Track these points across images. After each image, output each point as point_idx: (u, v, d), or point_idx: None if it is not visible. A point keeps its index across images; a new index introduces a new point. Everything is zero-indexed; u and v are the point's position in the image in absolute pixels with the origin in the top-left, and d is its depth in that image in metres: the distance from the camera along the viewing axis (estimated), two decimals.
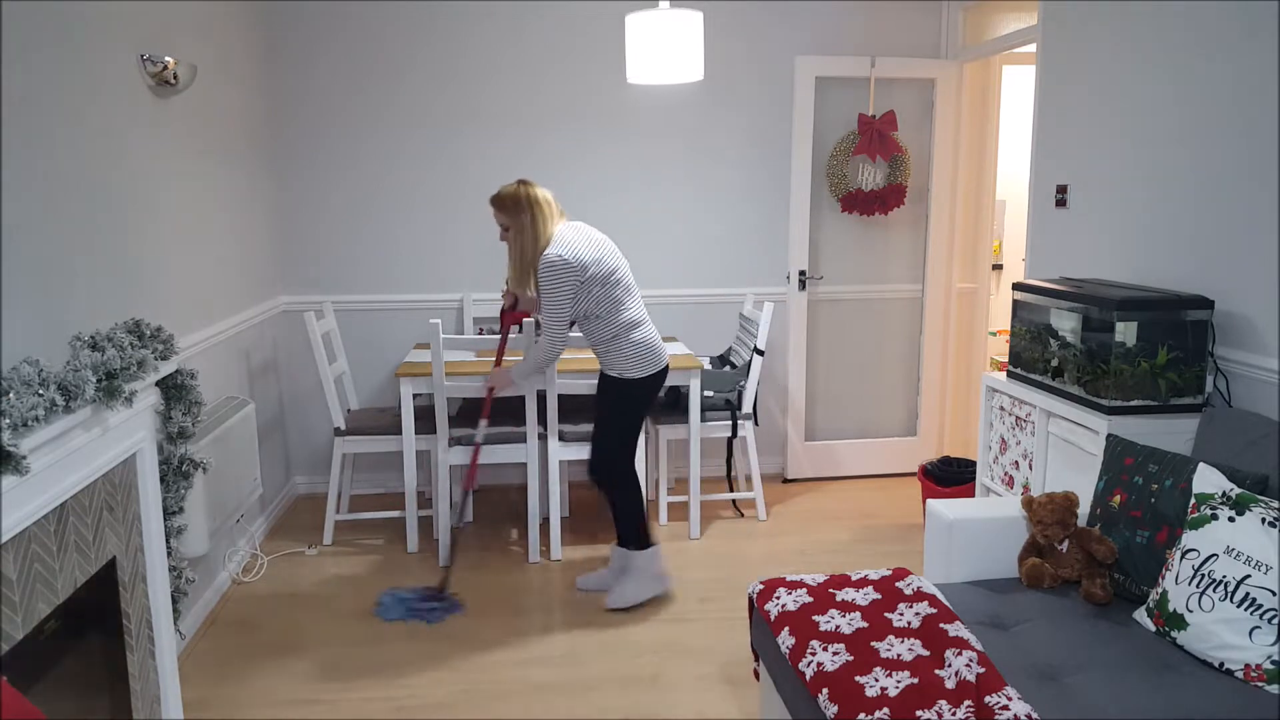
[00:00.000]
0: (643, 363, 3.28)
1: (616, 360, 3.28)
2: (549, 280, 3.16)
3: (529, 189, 3.23)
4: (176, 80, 3.08)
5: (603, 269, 3.21)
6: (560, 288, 3.16)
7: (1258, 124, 2.64)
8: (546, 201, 3.23)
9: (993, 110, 4.76)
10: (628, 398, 3.33)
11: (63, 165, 2.41)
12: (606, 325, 3.25)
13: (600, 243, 3.25)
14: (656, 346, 3.32)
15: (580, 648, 3.15)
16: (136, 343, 2.38)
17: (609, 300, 3.23)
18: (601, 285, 3.21)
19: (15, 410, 1.80)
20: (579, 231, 3.25)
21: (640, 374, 3.28)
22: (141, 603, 2.47)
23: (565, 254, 3.15)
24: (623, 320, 3.26)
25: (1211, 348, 2.75)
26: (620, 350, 3.27)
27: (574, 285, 3.17)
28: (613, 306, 3.24)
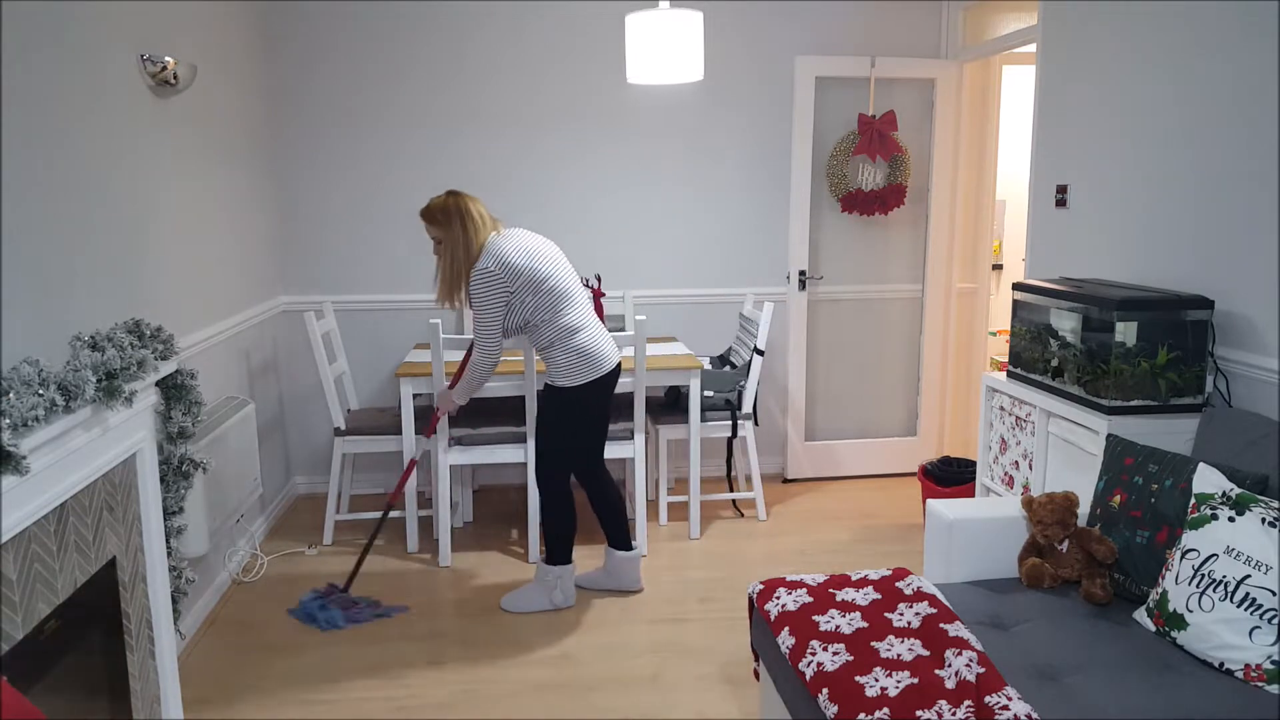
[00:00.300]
0: (577, 371, 3.21)
1: (552, 367, 3.24)
2: (477, 290, 3.12)
3: (459, 200, 3.18)
4: (176, 80, 3.08)
5: (534, 276, 3.15)
6: (488, 297, 3.12)
7: (1258, 124, 2.64)
8: (479, 213, 3.19)
9: (993, 110, 4.76)
10: (565, 405, 3.27)
11: (63, 165, 2.40)
12: (542, 333, 3.21)
13: (533, 249, 3.18)
14: (596, 354, 3.23)
15: (580, 648, 3.15)
16: (136, 343, 2.38)
17: (543, 307, 3.18)
18: (534, 294, 3.15)
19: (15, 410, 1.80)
20: (510, 239, 3.18)
21: (573, 382, 3.21)
22: (141, 603, 2.47)
23: (490, 264, 3.11)
24: (559, 327, 3.20)
25: (1211, 348, 2.75)
26: (555, 358, 3.22)
27: (501, 294, 3.13)
28: (548, 314, 3.19)
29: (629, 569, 3.53)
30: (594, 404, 3.30)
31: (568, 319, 3.22)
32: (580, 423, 3.33)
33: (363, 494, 4.65)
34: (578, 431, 3.34)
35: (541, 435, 3.37)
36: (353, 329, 4.56)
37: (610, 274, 4.63)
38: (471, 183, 4.49)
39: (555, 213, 4.57)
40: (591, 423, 3.35)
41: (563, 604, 3.40)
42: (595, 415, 3.34)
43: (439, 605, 3.46)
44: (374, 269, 4.53)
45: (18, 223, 2.17)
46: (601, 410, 3.35)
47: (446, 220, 3.17)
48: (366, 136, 4.42)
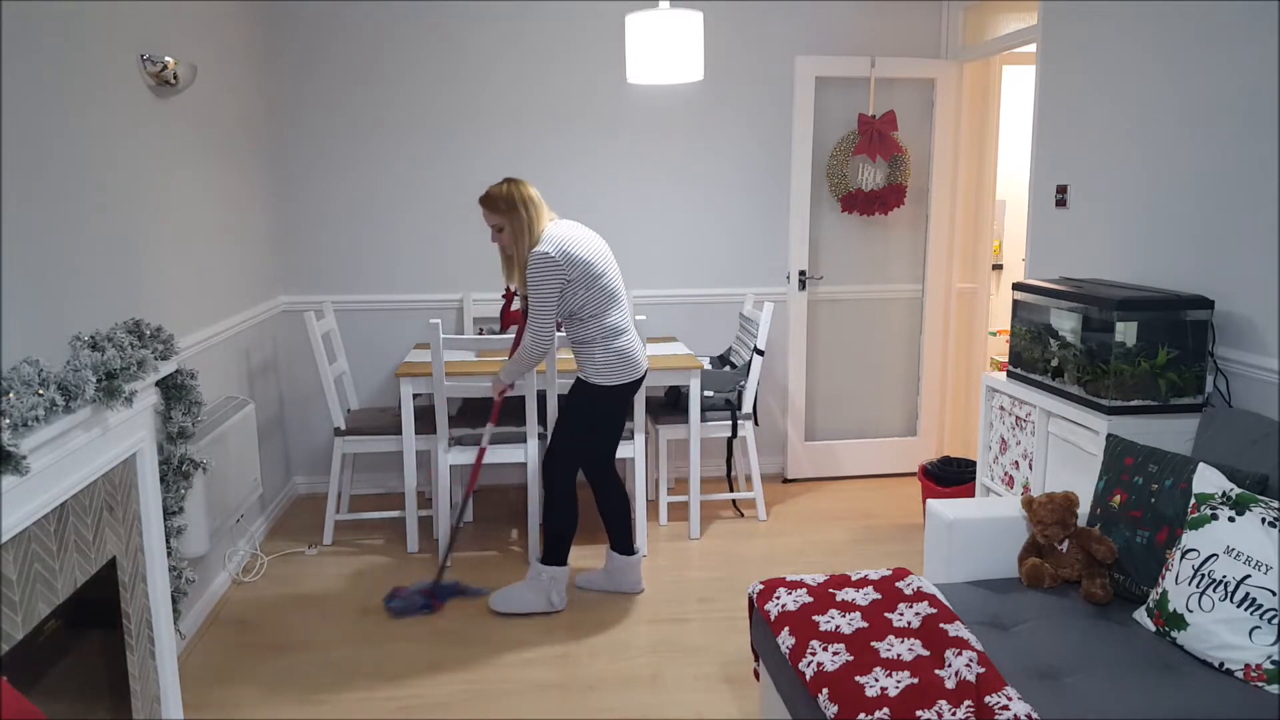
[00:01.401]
0: (614, 372, 3.23)
1: (588, 364, 3.25)
2: (536, 276, 3.12)
3: (519, 187, 3.20)
4: (176, 80, 3.08)
5: (590, 270, 3.17)
6: (546, 284, 3.12)
7: (1258, 124, 2.64)
8: (537, 199, 3.21)
9: (993, 110, 4.76)
10: (592, 403, 3.28)
11: (63, 165, 2.41)
12: (586, 328, 3.22)
13: (591, 243, 3.21)
14: (633, 358, 3.27)
15: (580, 648, 3.15)
16: (136, 343, 2.38)
17: (592, 303, 3.19)
18: (586, 288, 3.17)
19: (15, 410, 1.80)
20: (570, 229, 3.22)
21: (609, 381, 3.24)
22: (141, 603, 2.47)
23: (552, 250, 3.12)
24: (603, 325, 3.22)
25: (1211, 348, 2.75)
26: (594, 356, 3.23)
27: (560, 282, 3.14)
28: (595, 310, 3.20)
29: (630, 572, 3.53)
30: (620, 406, 3.32)
31: (613, 319, 3.24)
32: (604, 422, 3.34)
33: (363, 494, 4.65)
34: (599, 431, 3.35)
35: (561, 431, 3.35)
36: (353, 329, 4.56)
37: None
38: (471, 182, 4.49)
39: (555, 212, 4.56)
40: (614, 424, 3.36)
41: (557, 606, 3.38)
42: (619, 417, 3.36)
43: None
44: (374, 269, 4.53)
45: (18, 223, 2.17)
46: (625, 413, 3.37)
47: (510, 206, 3.17)
48: (366, 136, 4.42)
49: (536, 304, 3.16)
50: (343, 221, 4.48)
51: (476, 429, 3.86)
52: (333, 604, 3.47)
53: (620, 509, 3.48)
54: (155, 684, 2.52)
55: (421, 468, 4.50)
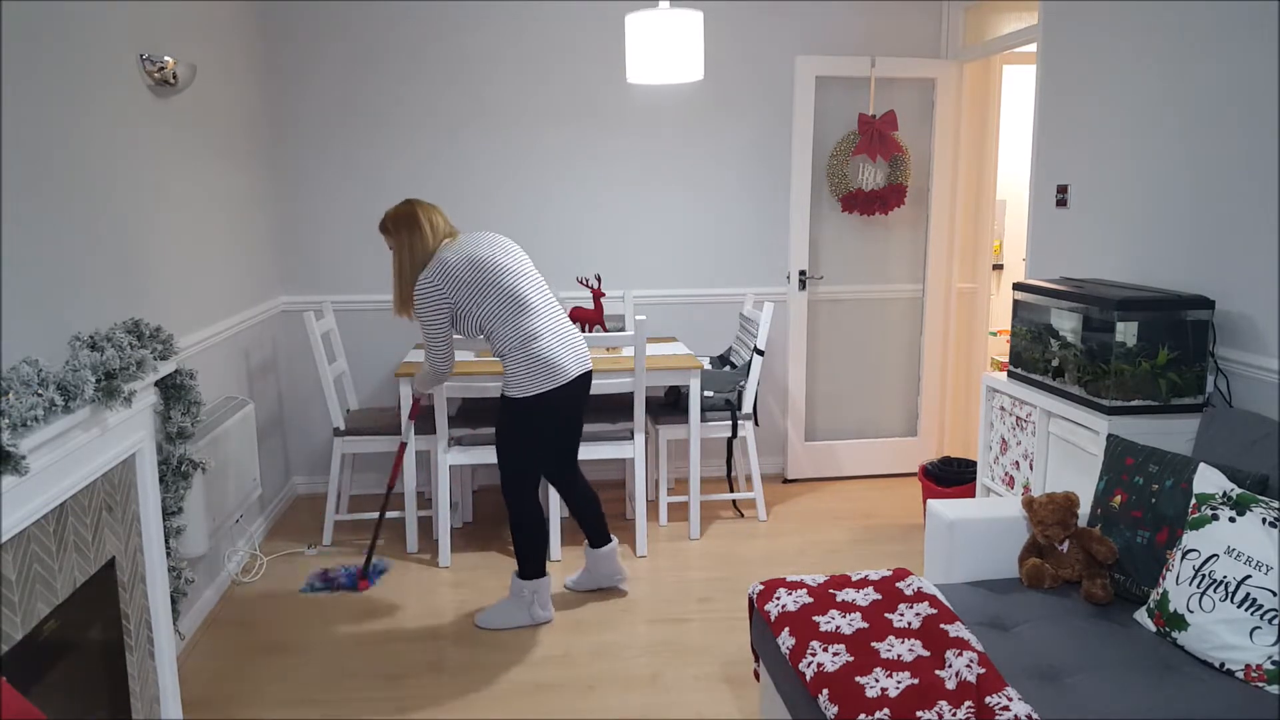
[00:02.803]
0: (530, 381, 3.06)
1: (506, 376, 3.11)
2: (417, 300, 3.05)
3: (411, 207, 3.11)
4: (176, 80, 3.08)
5: (479, 283, 3.03)
6: (428, 307, 3.04)
7: (1258, 123, 2.64)
8: (429, 221, 3.10)
9: (993, 110, 4.76)
10: (518, 416, 3.12)
11: (62, 165, 2.40)
12: (497, 339, 3.09)
13: (478, 256, 3.05)
14: (553, 361, 3.07)
15: (580, 648, 3.15)
16: (136, 343, 2.38)
17: (491, 314, 3.05)
18: (479, 303, 3.03)
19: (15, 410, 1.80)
20: (460, 247, 3.07)
21: (524, 393, 3.07)
22: (141, 603, 2.46)
23: (432, 275, 3.02)
24: (512, 334, 3.06)
25: (1212, 348, 2.75)
26: (508, 367, 3.09)
27: (443, 304, 3.04)
28: (500, 321, 3.06)
29: (607, 562, 3.50)
30: (550, 416, 3.14)
31: (522, 326, 3.06)
32: (537, 436, 3.16)
33: (362, 494, 4.65)
34: (534, 445, 3.18)
35: (500, 452, 3.20)
36: (352, 329, 4.56)
37: (610, 274, 4.63)
38: (470, 182, 4.49)
39: (555, 212, 4.57)
40: (551, 434, 3.19)
41: (544, 618, 3.31)
42: (555, 426, 3.18)
43: (439, 605, 3.46)
44: (374, 269, 4.53)
45: (17, 222, 2.17)
46: (563, 421, 3.19)
47: (395, 229, 3.12)
48: (366, 136, 4.42)
49: (424, 328, 3.11)
50: (343, 221, 4.48)
51: (476, 429, 3.86)
52: (333, 604, 3.47)
53: (589, 508, 3.45)
54: (154, 684, 2.52)
55: (421, 468, 4.50)
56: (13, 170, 2.15)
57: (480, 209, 4.52)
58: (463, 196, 4.50)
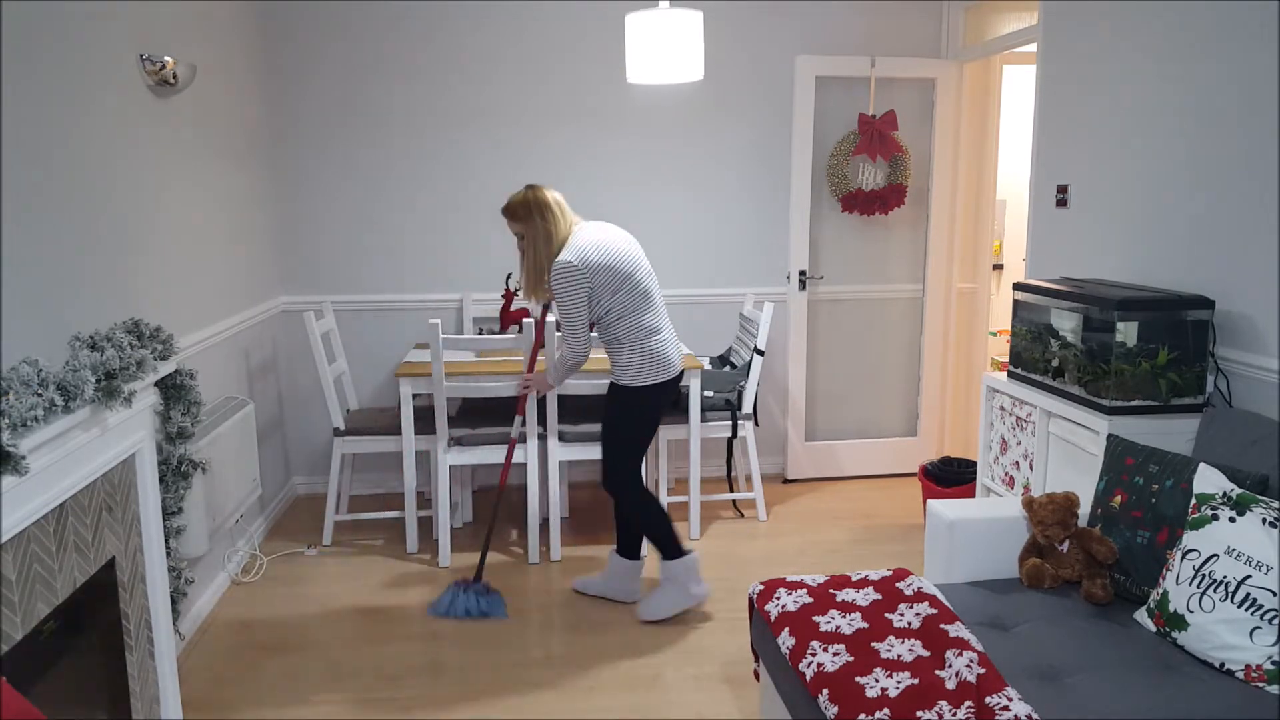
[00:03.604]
0: (645, 372, 3.17)
1: (620, 366, 3.21)
2: (560, 286, 3.08)
3: (538, 193, 3.16)
4: (176, 80, 3.08)
5: (615, 274, 3.12)
6: (571, 293, 3.08)
7: (1258, 123, 2.63)
8: (557, 204, 3.17)
9: (993, 110, 4.76)
10: (630, 405, 3.23)
11: (62, 165, 2.40)
12: (616, 330, 3.18)
13: (615, 246, 3.15)
14: (667, 356, 3.20)
15: (580, 648, 3.15)
16: (136, 343, 2.38)
17: (620, 306, 3.14)
18: (613, 292, 3.12)
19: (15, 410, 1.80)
20: (595, 234, 3.16)
21: (640, 382, 3.18)
22: (141, 603, 2.46)
23: (574, 259, 3.07)
24: (634, 326, 3.16)
25: (1212, 348, 2.75)
26: (624, 357, 3.19)
27: (584, 289, 3.09)
28: (625, 312, 3.15)
29: (629, 578, 3.46)
30: (656, 406, 3.26)
31: (645, 319, 3.18)
32: (646, 424, 3.28)
33: (362, 494, 4.65)
34: (644, 432, 3.29)
35: (607, 441, 3.28)
36: (353, 329, 4.56)
37: None
38: (471, 182, 4.49)
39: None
40: (646, 426, 3.30)
41: (702, 595, 3.33)
42: (651, 419, 3.29)
43: None
44: (374, 269, 4.53)
45: (17, 222, 2.17)
46: (657, 415, 3.30)
47: (527, 214, 3.14)
48: (366, 136, 4.42)
49: (565, 313, 3.12)
50: (343, 221, 4.48)
51: (476, 429, 3.86)
52: (333, 604, 3.47)
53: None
54: (154, 684, 2.52)
55: (421, 468, 4.50)
56: (13, 170, 2.15)
57: (481, 209, 4.52)
58: (463, 196, 4.50)
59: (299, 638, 3.22)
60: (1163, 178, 3.03)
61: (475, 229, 4.53)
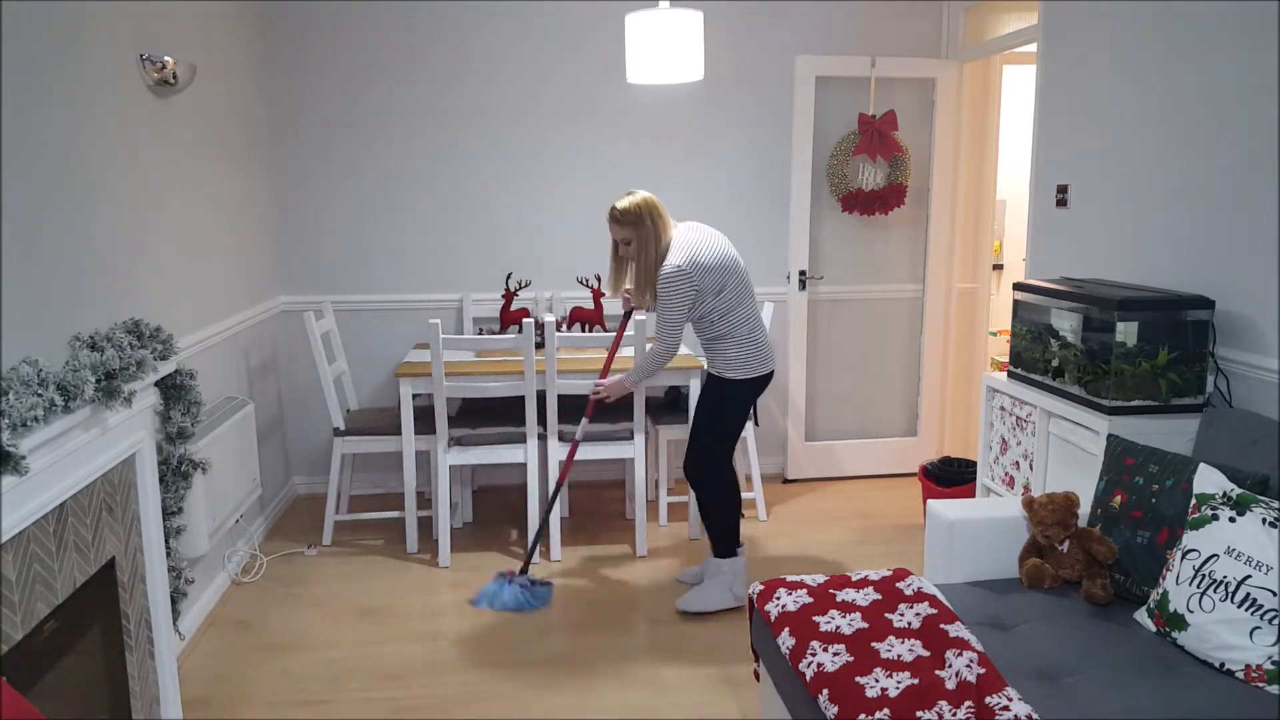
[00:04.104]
0: (750, 364, 3.21)
1: (720, 360, 3.22)
2: (669, 289, 3.10)
3: (649, 197, 3.17)
4: (176, 80, 3.08)
5: (722, 273, 3.14)
6: (680, 296, 3.11)
7: (1258, 123, 2.63)
8: (662, 208, 3.18)
9: (993, 110, 4.76)
10: (728, 399, 3.26)
11: (62, 165, 2.40)
12: (721, 326, 3.19)
13: (718, 246, 3.18)
14: (764, 349, 3.24)
15: (580, 648, 3.15)
16: (135, 343, 2.38)
17: (725, 303, 3.16)
18: (718, 292, 3.15)
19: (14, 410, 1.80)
20: (694, 234, 3.18)
21: (745, 375, 3.21)
22: (141, 603, 2.46)
23: (684, 262, 3.09)
24: (739, 321, 3.19)
25: (1212, 348, 2.75)
26: (726, 351, 3.20)
27: (692, 293, 3.12)
28: (730, 308, 3.17)
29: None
30: (753, 398, 3.30)
31: (750, 313, 3.22)
32: (738, 417, 3.31)
33: (362, 494, 4.64)
34: (739, 424, 3.32)
35: (699, 431, 3.32)
36: (352, 329, 4.56)
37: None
38: (471, 182, 4.49)
39: (555, 212, 4.57)
40: (744, 416, 3.33)
41: (743, 598, 3.34)
42: (748, 409, 3.33)
43: (439, 605, 3.46)
44: (374, 269, 4.53)
45: (17, 222, 2.17)
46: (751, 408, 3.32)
47: (639, 219, 3.14)
48: (366, 136, 4.42)
49: (667, 314, 3.14)
50: (343, 222, 4.48)
51: (476, 429, 3.86)
52: (333, 604, 3.47)
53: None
54: (154, 684, 2.52)
55: (421, 468, 4.50)
56: (13, 170, 2.15)
57: (481, 209, 4.52)
58: (463, 196, 4.50)
59: (299, 638, 3.22)
60: (1163, 177, 3.03)
61: (475, 229, 4.53)
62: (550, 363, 3.69)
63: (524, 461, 3.82)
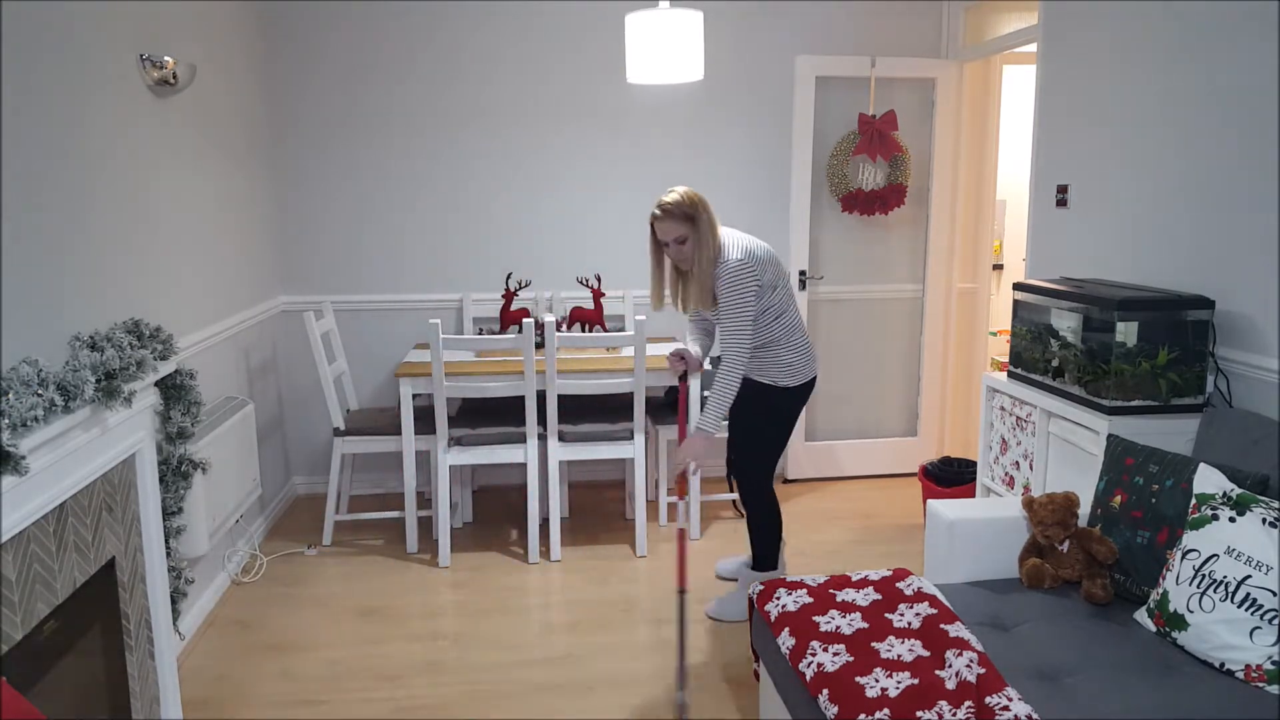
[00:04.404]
0: (801, 369, 3.10)
1: (773, 366, 3.09)
2: (735, 285, 2.91)
3: (697, 194, 2.98)
4: (176, 80, 3.08)
5: (775, 267, 3.03)
6: (747, 292, 2.92)
7: (1258, 123, 2.63)
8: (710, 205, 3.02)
9: (993, 110, 4.75)
10: (775, 408, 3.14)
11: (62, 165, 2.40)
12: (774, 329, 3.06)
13: (767, 249, 3.06)
14: (810, 355, 3.14)
15: (580, 648, 3.15)
16: (135, 343, 2.38)
17: (778, 304, 3.04)
18: (774, 289, 3.02)
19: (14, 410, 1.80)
20: (734, 231, 3.06)
21: (798, 381, 3.10)
22: (141, 603, 2.46)
23: (743, 255, 2.93)
24: (789, 325, 3.08)
25: (1212, 348, 2.75)
26: (777, 357, 3.08)
27: (756, 288, 2.94)
28: (781, 310, 3.06)
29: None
30: (802, 403, 3.17)
31: (795, 316, 3.10)
32: (787, 426, 3.18)
33: (362, 494, 4.64)
34: (788, 432, 3.21)
35: (748, 443, 3.19)
36: (352, 329, 4.56)
37: (610, 274, 4.63)
38: (471, 182, 4.49)
39: (555, 212, 4.57)
40: (793, 424, 3.21)
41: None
42: (797, 416, 3.21)
43: (439, 605, 3.46)
44: (374, 269, 4.53)
45: (18, 222, 2.17)
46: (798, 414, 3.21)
47: (694, 212, 2.93)
48: (366, 136, 4.42)
49: (737, 314, 2.92)
50: (343, 222, 4.48)
51: (476, 429, 3.86)
52: (333, 604, 3.47)
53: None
54: (154, 684, 2.52)
55: (421, 468, 4.50)
56: (13, 170, 2.15)
57: (481, 209, 4.52)
58: (463, 196, 4.50)
59: (299, 638, 3.22)
60: (1163, 177, 3.03)
61: (475, 229, 4.53)
62: (550, 363, 3.69)
63: (524, 461, 3.82)
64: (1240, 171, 2.70)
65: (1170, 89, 2.99)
